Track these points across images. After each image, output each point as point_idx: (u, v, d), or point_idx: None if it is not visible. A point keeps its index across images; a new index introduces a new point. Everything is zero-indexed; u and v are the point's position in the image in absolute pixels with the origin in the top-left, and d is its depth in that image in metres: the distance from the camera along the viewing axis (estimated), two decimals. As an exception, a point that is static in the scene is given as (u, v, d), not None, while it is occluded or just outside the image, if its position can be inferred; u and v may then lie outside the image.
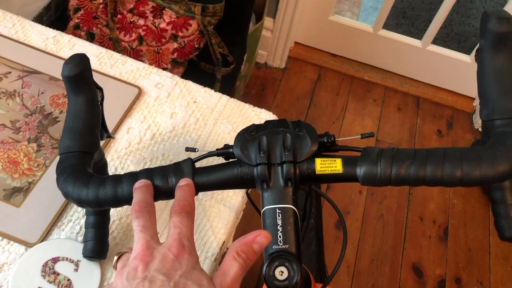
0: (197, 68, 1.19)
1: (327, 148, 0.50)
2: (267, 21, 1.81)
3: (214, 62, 1.16)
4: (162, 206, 0.70)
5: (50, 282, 0.60)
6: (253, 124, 0.52)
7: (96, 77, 0.80)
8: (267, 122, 0.51)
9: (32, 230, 0.64)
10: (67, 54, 0.83)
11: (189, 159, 0.51)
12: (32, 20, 1.14)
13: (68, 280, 0.61)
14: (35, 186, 0.68)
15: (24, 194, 0.67)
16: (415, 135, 1.87)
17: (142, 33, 1.06)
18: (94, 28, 1.06)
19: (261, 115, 0.82)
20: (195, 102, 0.81)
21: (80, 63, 0.55)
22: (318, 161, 0.48)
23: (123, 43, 1.06)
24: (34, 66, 0.80)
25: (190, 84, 0.84)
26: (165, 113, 0.79)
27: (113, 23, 1.05)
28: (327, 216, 1.61)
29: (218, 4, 1.06)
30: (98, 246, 0.62)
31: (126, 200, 0.50)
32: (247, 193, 0.72)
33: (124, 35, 1.06)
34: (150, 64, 1.08)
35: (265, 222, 0.47)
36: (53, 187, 0.64)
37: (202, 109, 0.81)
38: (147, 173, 0.50)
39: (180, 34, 1.06)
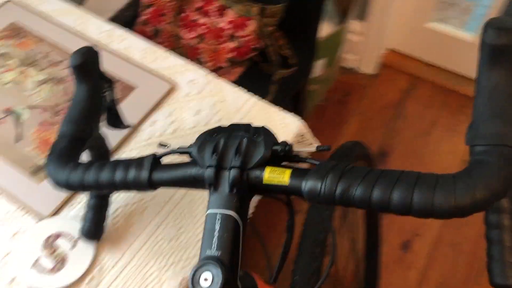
0: (258, 68, 1.20)
1: (282, 157, 0.47)
2: (356, 24, 1.75)
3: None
4: (167, 199, 0.72)
5: (48, 255, 0.66)
6: (219, 126, 0.51)
7: (133, 70, 0.85)
8: (232, 125, 0.50)
9: (46, 205, 0.70)
10: (116, 47, 0.89)
11: (153, 154, 0.51)
12: (115, 15, 1.24)
13: (65, 255, 0.66)
14: (58, 165, 0.74)
15: (48, 172, 0.73)
16: (514, 159, 1.66)
17: (202, 32, 1.09)
18: (160, 25, 1.12)
19: (286, 120, 0.80)
20: (223, 101, 0.82)
21: (84, 54, 0.58)
22: (268, 170, 0.46)
23: (184, 40, 1.10)
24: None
25: (222, 84, 0.84)
26: (192, 110, 0.81)
27: (177, 21, 1.10)
28: (393, 235, 1.51)
29: (277, 5, 1.06)
30: (93, 228, 0.66)
31: (91, 187, 0.52)
32: None
33: (185, 32, 1.10)
34: (207, 62, 1.11)
35: (205, 225, 0.46)
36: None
37: (228, 108, 0.81)
38: (113, 164, 0.52)
39: (238, 34, 1.08)
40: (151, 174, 0.50)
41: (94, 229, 0.66)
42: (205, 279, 0.43)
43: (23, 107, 0.80)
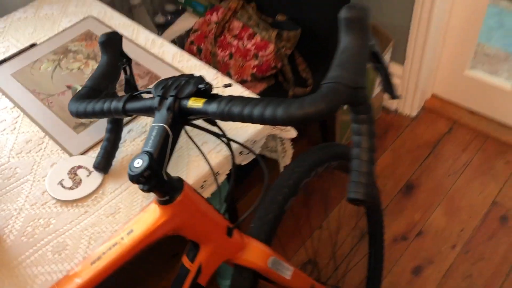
0: (279, 86, 1.41)
1: (205, 94, 0.68)
2: (396, 67, 1.90)
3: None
4: (161, 153, 0.94)
5: (70, 178, 0.91)
6: (173, 76, 0.73)
7: (163, 66, 1.11)
8: (181, 74, 0.73)
9: (78, 148, 0.97)
10: (156, 51, 1.17)
11: (131, 93, 0.75)
12: (176, 38, 1.54)
13: (80, 180, 0.91)
14: (93, 125, 1.01)
15: (85, 128, 1.00)
16: (546, 206, 1.66)
17: (233, 51, 1.35)
18: (202, 45, 1.40)
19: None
20: (222, 92, 1.05)
21: (107, 35, 0.86)
22: (192, 99, 0.67)
23: (218, 57, 1.37)
24: (131, 55, 1.15)
25: (224, 80, 1.07)
26: (197, 96, 1.04)
27: (215, 42, 1.37)
28: (407, 259, 1.57)
29: (292, 31, 1.28)
30: (103, 163, 0.90)
31: (90, 113, 0.77)
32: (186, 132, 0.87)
33: (221, 51, 1.37)
34: (235, 75, 1.35)
35: (148, 133, 0.68)
36: (101, 127, 0.97)
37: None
38: (105, 99, 0.76)
39: (260, 53, 1.32)
40: (125, 104, 0.73)
41: (103, 164, 0.90)
42: (137, 163, 0.64)
43: (80, 85, 1.10)
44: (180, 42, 1.54)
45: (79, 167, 0.93)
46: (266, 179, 0.78)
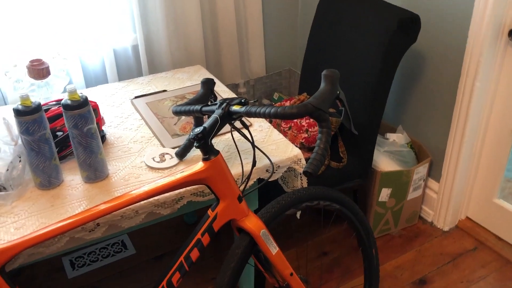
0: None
1: (244, 104, 1.20)
2: (433, 183, 2.25)
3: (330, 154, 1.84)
4: (227, 148, 1.45)
5: (159, 157, 1.45)
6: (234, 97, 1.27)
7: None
8: (236, 97, 1.26)
9: (170, 145, 1.52)
10: (237, 108, 1.74)
11: (206, 103, 1.30)
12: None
13: (165, 159, 1.44)
14: (182, 136, 1.57)
15: (178, 137, 1.56)
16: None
17: (292, 125, 1.87)
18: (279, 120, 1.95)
19: (294, 149, 1.47)
20: (270, 136, 1.55)
21: (207, 79, 1.45)
22: (236, 106, 1.20)
23: (281, 127, 1.90)
24: (221, 107, 1.74)
25: (275, 131, 1.59)
26: (256, 131, 1.56)
27: (283, 118, 1.92)
28: None
29: (335, 118, 1.79)
30: (181, 152, 1.44)
31: (180, 112, 1.33)
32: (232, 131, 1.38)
33: (284, 124, 1.91)
34: (289, 139, 1.87)
35: (209, 119, 1.20)
36: (185, 138, 1.53)
37: (271, 137, 1.54)
38: (193, 105, 1.32)
39: (310, 129, 1.82)
40: (201, 108, 1.28)
41: (181, 153, 1.44)
42: (198, 129, 1.16)
43: (184, 115, 1.69)
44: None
45: (167, 153, 1.47)
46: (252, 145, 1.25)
